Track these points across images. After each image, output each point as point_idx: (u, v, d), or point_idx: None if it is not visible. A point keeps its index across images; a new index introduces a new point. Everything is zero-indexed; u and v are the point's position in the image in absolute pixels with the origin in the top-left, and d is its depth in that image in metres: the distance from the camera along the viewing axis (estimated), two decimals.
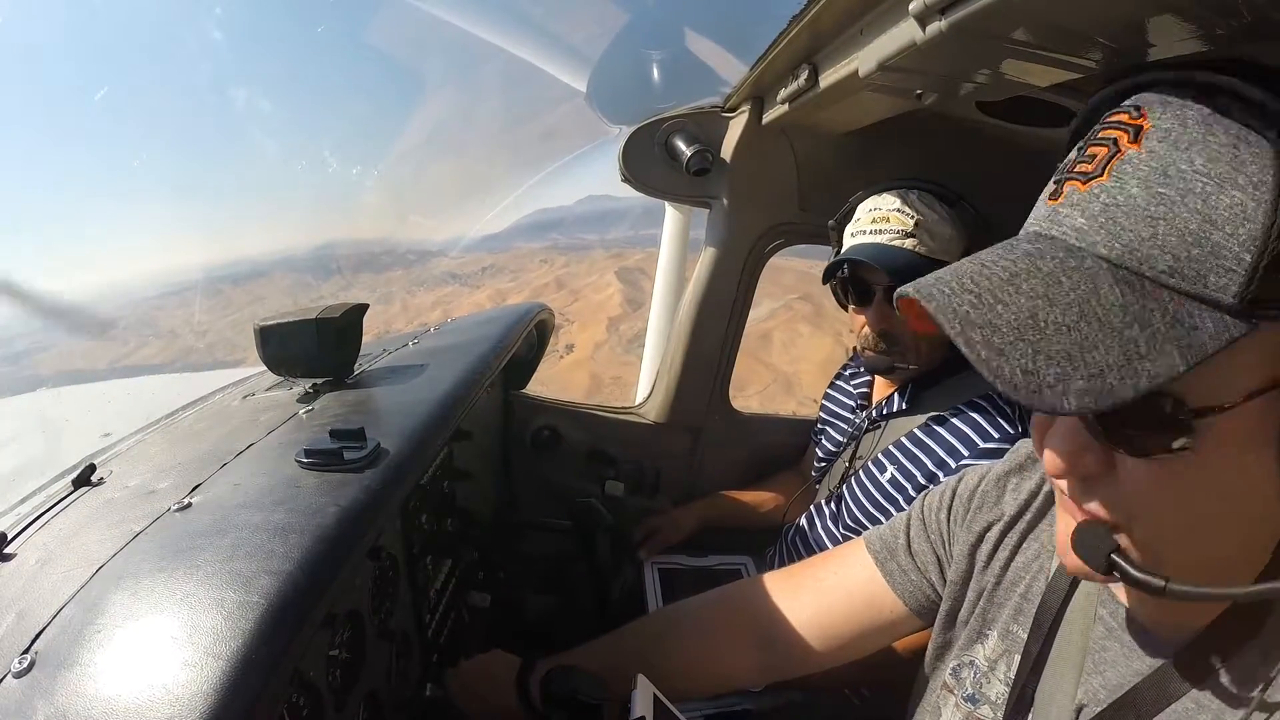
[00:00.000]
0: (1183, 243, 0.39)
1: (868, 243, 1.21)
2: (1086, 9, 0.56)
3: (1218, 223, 0.38)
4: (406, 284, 23.84)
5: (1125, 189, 0.41)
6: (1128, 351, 0.38)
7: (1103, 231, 0.42)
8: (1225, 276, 0.38)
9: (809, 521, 1.41)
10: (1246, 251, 0.37)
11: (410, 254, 24.58)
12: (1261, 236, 0.37)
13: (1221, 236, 0.38)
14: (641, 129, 1.58)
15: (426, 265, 24.58)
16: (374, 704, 0.82)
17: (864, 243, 1.21)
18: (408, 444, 0.85)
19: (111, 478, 0.87)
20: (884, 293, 1.21)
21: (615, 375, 11.73)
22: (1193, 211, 0.39)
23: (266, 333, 1.08)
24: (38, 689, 0.48)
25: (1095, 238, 0.42)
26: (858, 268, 1.23)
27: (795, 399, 8.56)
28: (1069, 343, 0.39)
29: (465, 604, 1.24)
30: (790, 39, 1.06)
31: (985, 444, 1.12)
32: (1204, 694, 0.50)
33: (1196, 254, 0.38)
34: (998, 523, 0.73)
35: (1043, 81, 0.75)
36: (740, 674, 0.92)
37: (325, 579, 0.60)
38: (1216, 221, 0.38)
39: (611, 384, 11.60)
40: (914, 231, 1.17)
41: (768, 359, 12.18)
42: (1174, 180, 0.40)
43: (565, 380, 12.40)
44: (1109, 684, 0.56)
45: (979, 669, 0.70)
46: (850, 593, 0.85)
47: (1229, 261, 0.38)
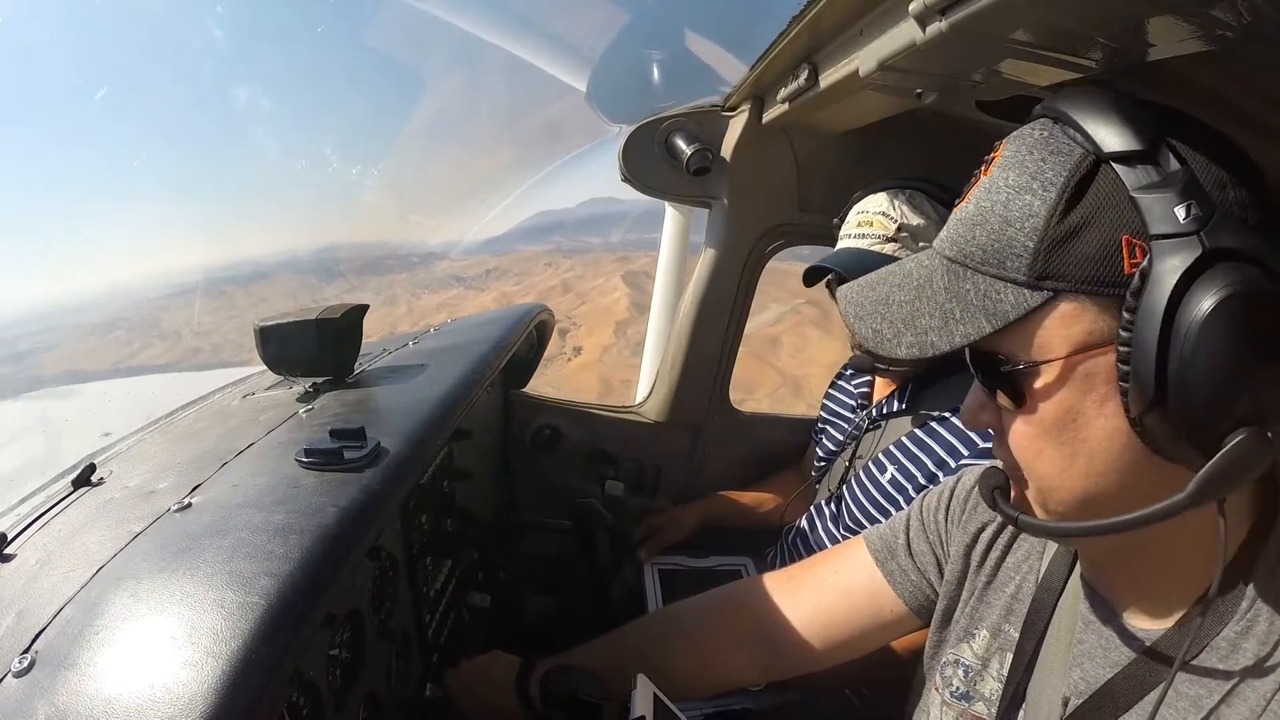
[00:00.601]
0: (989, 238, 0.50)
1: (848, 248, 1.23)
2: (1086, 9, 0.56)
3: (1012, 221, 0.49)
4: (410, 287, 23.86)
5: (969, 206, 0.53)
6: (946, 318, 0.52)
7: (947, 239, 0.55)
8: (1017, 260, 0.49)
9: (809, 522, 1.41)
10: (1030, 239, 0.48)
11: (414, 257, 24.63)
12: (1043, 226, 0.47)
13: (1014, 231, 0.49)
14: (641, 128, 1.58)
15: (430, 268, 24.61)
16: (374, 704, 0.82)
17: (845, 247, 1.23)
18: (408, 444, 0.85)
19: (111, 478, 0.87)
20: None
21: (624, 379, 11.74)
22: (997, 215, 0.50)
23: (266, 333, 1.08)
24: (38, 689, 0.49)
25: (944, 244, 0.55)
26: (834, 273, 1.24)
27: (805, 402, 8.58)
28: (906, 313, 0.54)
29: (465, 604, 1.24)
30: (790, 39, 1.06)
31: (985, 443, 1.12)
32: (1179, 680, 0.52)
33: (997, 246, 0.50)
34: (991, 524, 0.74)
35: (1043, 81, 0.75)
36: (740, 673, 0.92)
37: (325, 579, 0.60)
38: (1011, 220, 0.49)
39: (621, 387, 11.61)
40: (895, 236, 1.19)
41: (776, 363, 12.16)
42: (992, 194, 0.51)
43: (574, 383, 12.40)
44: (1088, 676, 0.58)
45: (971, 667, 0.71)
46: (851, 592, 0.85)
47: (1018, 248, 0.49)
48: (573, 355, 13.63)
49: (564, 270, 21.28)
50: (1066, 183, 0.47)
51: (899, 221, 1.19)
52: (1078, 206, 0.47)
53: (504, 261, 23.76)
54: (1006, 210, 0.50)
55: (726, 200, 1.58)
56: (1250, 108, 0.61)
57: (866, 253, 1.20)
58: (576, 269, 20.92)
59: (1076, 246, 0.47)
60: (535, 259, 23.72)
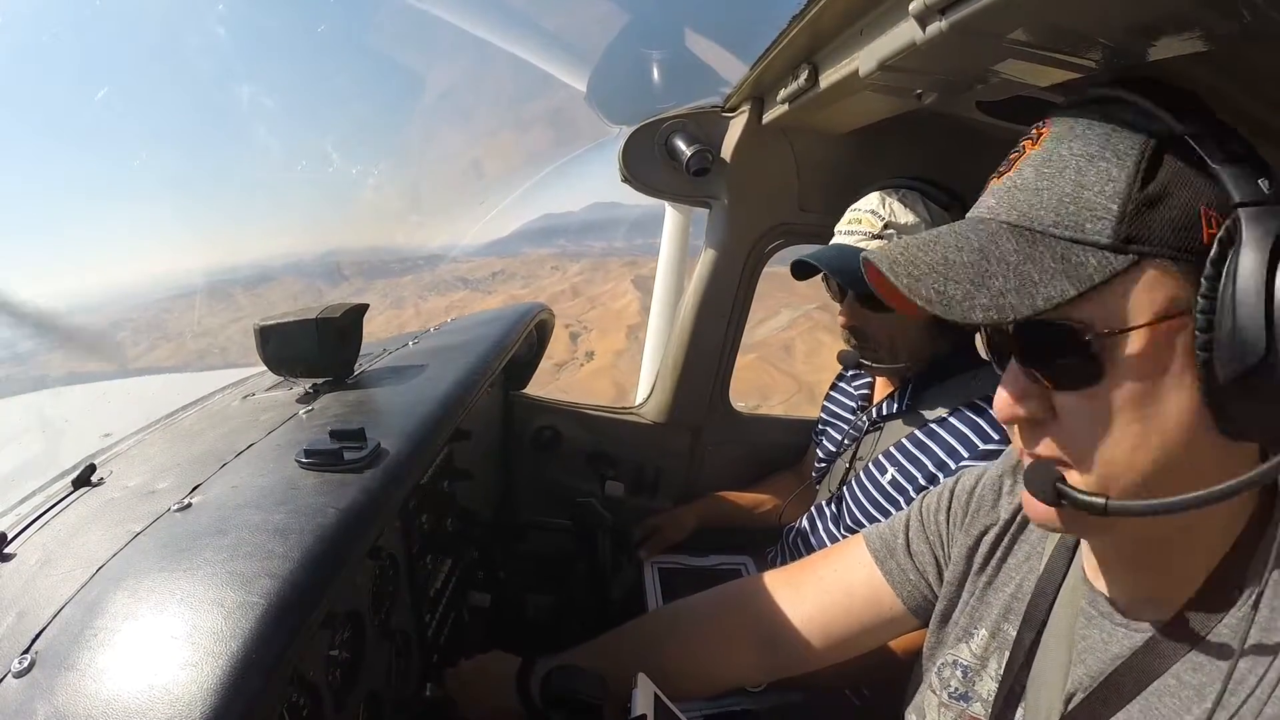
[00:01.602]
0: (1061, 202, 0.49)
1: (836, 243, 1.25)
2: (1086, 10, 0.56)
3: (1088, 185, 0.48)
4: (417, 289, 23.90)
5: (1023, 174, 0.52)
6: (1023, 280, 0.48)
7: (1003, 205, 0.52)
8: (1098, 222, 0.47)
9: (809, 522, 1.41)
10: (1113, 202, 0.47)
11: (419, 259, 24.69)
12: (1125, 190, 0.47)
13: (1092, 195, 0.48)
14: (641, 129, 1.58)
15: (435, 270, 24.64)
16: (374, 704, 0.82)
17: (834, 243, 1.25)
18: (408, 444, 0.85)
19: (111, 478, 0.87)
20: (855, 293, 1.24)
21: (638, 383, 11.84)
22: (1069, 180, 0.49)
23: (266, 333, 1.08)
24: (38, 689, 0.48)
25: (999, 210, 0.52)
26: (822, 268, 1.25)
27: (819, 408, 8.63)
28: (973, 273, 0.49)
29: (465, 604, 1.24)
30: (790, 39, 1.06)
31: (985, 445, 1.12)
32: (1181, 670, 0.52)
33: (1073, 209, 0.48)
34: (994, 526, 0.74)
35: (1043, 81, 0.75)
36: (741, 672, 0.92)
37: (325, 579, 0.60)
38: (1087, 184, 0.48)
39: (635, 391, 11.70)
40: (881, 233, 1.20)
41: (790, 368, 12.08)
42: (1054, 162, 0.50)
43: (588, 388, 12.36)
44: (1091, 670, 0.58)
45: (969, 667, 0.71)
46: (850, 591, 0.85)
47: (1099, 211, 0.47)
48: (585, 360, 13.59)
49: (572, 274, 21.29)
50: (1141, 153, 0.47)
51: (886, 219, 1.20)
52: (1157, 176, 0.47)
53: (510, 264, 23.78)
54: (1080, 175, 0.49)
55: (726, 200, 1.58)
56: (1250, 108, 0.61)
57: (850, 248, 1.21)
58: (585, 273, 20.93)
59: (1161, 212, 0.46)
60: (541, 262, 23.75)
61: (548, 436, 1.81)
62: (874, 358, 1.28)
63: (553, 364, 15.70)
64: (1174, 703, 0.52)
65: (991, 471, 0.78)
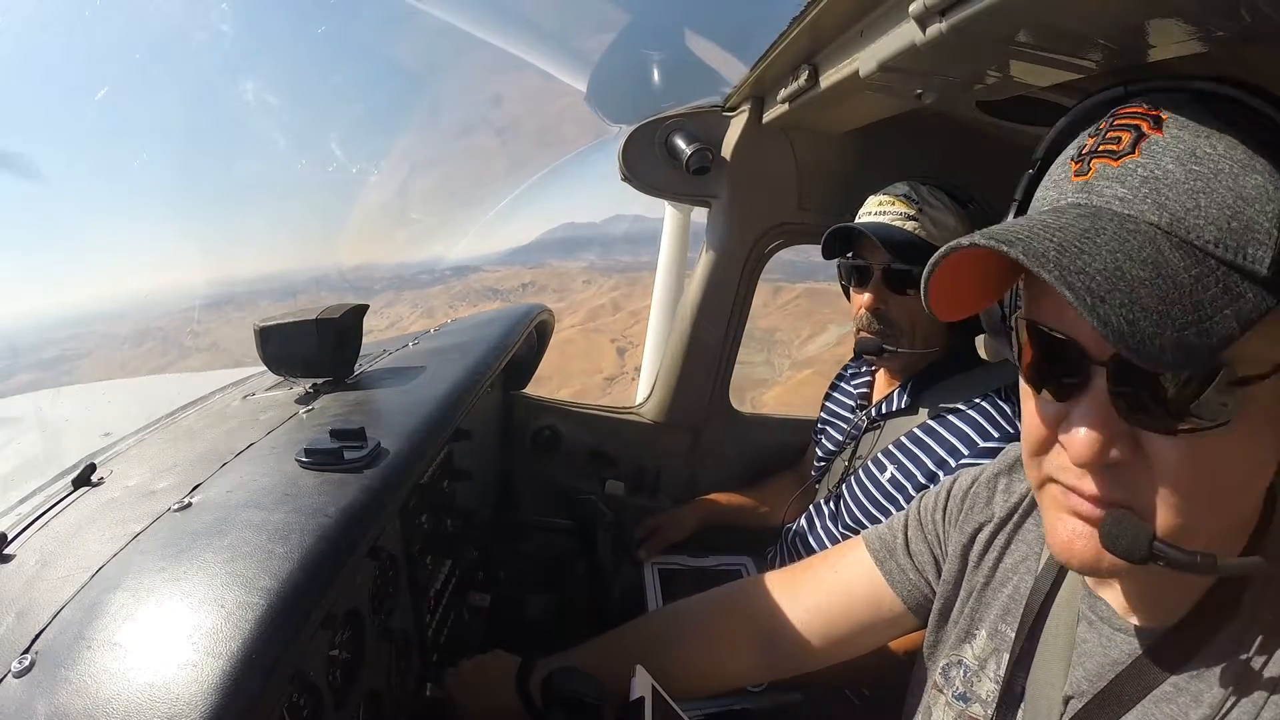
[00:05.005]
0: (1223, 215, 0.40)
1: (871, 222, 1.22)
2: (1086, 11, 0.56)
3: (1248, 199, 0.40)
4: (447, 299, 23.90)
5: (1161, 164, 0.42)
6: (1200, 312, 0.39)
7: (1148, 201, 0.42)
8: (1261, 249, 0.40)
9: (809, 521, 1.41)
10: (1276, 227, 0.40)
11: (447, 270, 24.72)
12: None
13: (1254, 212, 0.40)
14: (641, 128, 1.58)
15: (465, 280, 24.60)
16: (374, 704, 0.82)
17: (867, 222, 1.22)
18: (408, 444, 0.85)
19: (111, 478, 0.87)
20: (882, 273, 1.22)
21: None
22: (1226, 189, 0.41)
23: (267, 332, 1.08)
24: (38, 689, 0.49)
25: (1142, 206, 0.42)
26: (859, 247, 1.24)
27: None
28: (1155, 298, 0.39)
29: (465, 604, 1.24)
30: (791, 39, 1.06)
31: (985, 443, 1.12)
32: (1182, 678, 0.52)
33: (1235, 226, 0.40)
34: (988, 524, 0.74)
35: (1043, 81, 0.75)
36: (741, 672, 0.92)
37: (325, 579, 0.60)
38: (1247, 199, 0.40)
39: None
40: (917, 216, 1.18)
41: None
42: (1203, 161, 0.41)
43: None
44: (1089, 675, 0.58)
45: (969, 668, 0.71)
46: (850, 591, 0.85)
47: (1262, 235, 0.40)
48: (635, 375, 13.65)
49: (607, 288, 21.26)
50: None
51: (921, 204, 1.18)
52: None
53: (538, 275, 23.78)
54: (1237, 184, 0.40)
55: (726, 200, 1.58)
56: None
57: (892, 226, 1.18)
58: (621, 286, 20.89)
59: None
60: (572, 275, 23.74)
61: (547, 436, 1.81)
62: (895, 343, 1.25)
63: (603, 378, 15.72)
64: (1172, 709, 0.51)
65: (987, 471, 0.78)
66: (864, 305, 1.26)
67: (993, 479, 0.76)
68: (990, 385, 1.18)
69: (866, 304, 1.25)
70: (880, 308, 1.24)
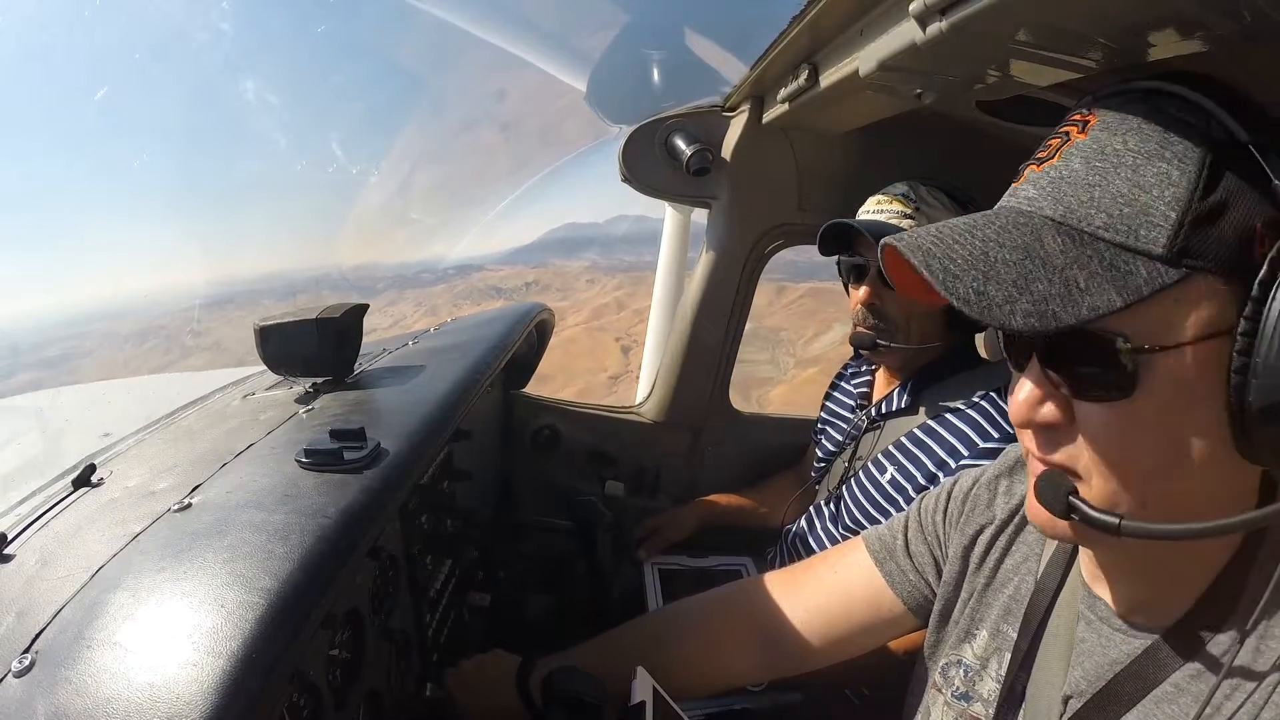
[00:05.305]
0: (1115, 203, 0.45)
1: (869, 220, 1.24)
2: (1086, 10, 0.56)
3: (1145, 187, 0.45)
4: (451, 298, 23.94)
5: (1069, 165, 0.48)
6: (1069, 286, 0.44)
7: (1049, 198, 0.48)
8: (1154, 230, 0.44)
9: (809, 522, 1.41)
10: (1171, 209, 0.44)
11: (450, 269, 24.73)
12: (1185, 197, 0.44)
13: (1149, 198, 0.44)
14: (641, 128, 1.58)
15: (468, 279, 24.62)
16: (374, 704, 0.82)
17: (863, 220, 1.25)
18: (408, 444, 0.85)
19: (111, 478, 0.87)
20: (876, 269, 1.24)
21: None
22: (1124, 179, 0.45)
23: (266, 332, 1.08)
24: (38, 689, 0.49)
25: (1042, 203, 0.48)
26: (857, 245, 1.26)
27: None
28: (1016, 274, 0.45)
29: (465, 604, 1.24)
30: (790, 39, 1.06)
31: (985, 443, 1.12)
32: (1181, 679, 0.52)
33: (1127, 212, 0.45)
34: (989, 525, 0.75)
35: (1043, 81, 0.75)
36: (741, 672, 0.92)
37: (325, 579, 0.60)
38: (1144, 186, 0.45)
39: None
40: (914, 215, 1.20)
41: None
42: (1109, 156, 0.46)
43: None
44: (1088, 674, 0.58)
45: (970, 668, 0.71)
46: (850, 592, 0.85)
47: (1156, 218, 0.44)
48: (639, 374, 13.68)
49: (610, 287, 21.24)
50: (1203, 159, 0.44)
51: (918, 203, 1.21)
52: (1219, 186, 0.44)
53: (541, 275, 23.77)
54: (1137, 174, 0.45)
55: (726, 200, 1.58)
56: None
57: (889, 224, 1.21)
58: (624, 286, 20.88)
59: (1219, 226, 0.44)
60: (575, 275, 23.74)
61: (547, 436, 1.81)
62: (890, 338, 1.26)
63: (608, 376, 15.74)
64: (1172, 709, 0.51)
65: (988, 472, 0.78)
66: (860, 301, 1.28)
67: (993, 481, 0.77)
68: (991, 383, 1.18)
69: (862, 299, 1.27)
70: (875, 303, 1.26)
